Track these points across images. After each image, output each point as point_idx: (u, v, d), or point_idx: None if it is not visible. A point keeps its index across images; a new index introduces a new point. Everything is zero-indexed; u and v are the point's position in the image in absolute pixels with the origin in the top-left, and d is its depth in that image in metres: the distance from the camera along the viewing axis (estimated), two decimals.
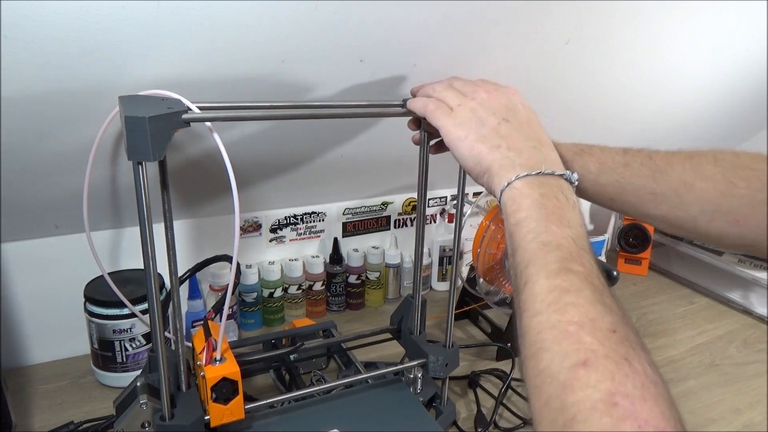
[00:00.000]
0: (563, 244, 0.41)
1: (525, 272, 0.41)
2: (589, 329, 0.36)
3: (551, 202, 0.44)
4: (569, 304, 0.37)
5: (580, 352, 0.34)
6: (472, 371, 0.90)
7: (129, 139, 0.45)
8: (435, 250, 1.17)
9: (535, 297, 0.39)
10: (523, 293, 0.40)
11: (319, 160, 0.94)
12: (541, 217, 0.43)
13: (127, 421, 0.61)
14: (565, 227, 0.43)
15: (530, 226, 0.43)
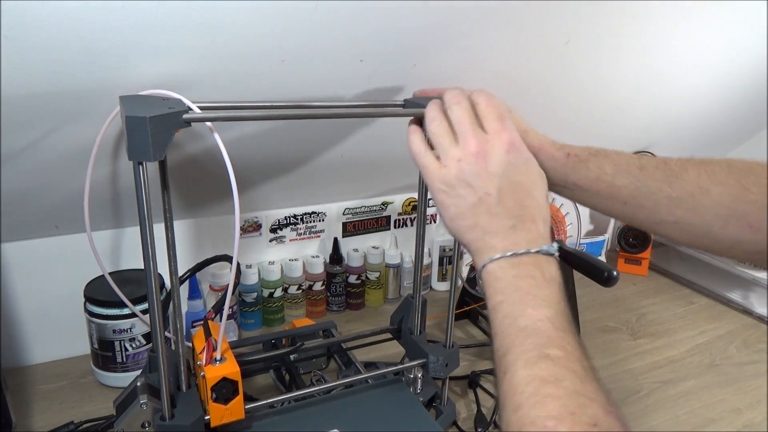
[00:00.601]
0: (540, 327, 0.41)
1: (504, 360, 0.41)
2: (568, 424, 0.35)
3: (526, 282, 0.44)
4: (548, 396, 0.37)
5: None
6: (472, 371, 0.90)
7: (130, 139, 0.45)
8: (435, 250, 1.17)
9: (514, 389, 0.39)
10: (503, 384, 0.40)
11: (319, 160, 0.94)
12: (516, 301, 0.43)
13: (127, 421, 0.61)
14: (542, 308, 0.42)
15: (506, 310, 0.43)
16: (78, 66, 0.60)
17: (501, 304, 0.44)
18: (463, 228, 0.48)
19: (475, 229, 0.47)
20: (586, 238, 1.34)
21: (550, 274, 0.45)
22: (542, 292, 0.43)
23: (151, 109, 0.47)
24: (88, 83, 0.62)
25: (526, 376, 0.39)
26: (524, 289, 0.43)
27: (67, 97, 0.63)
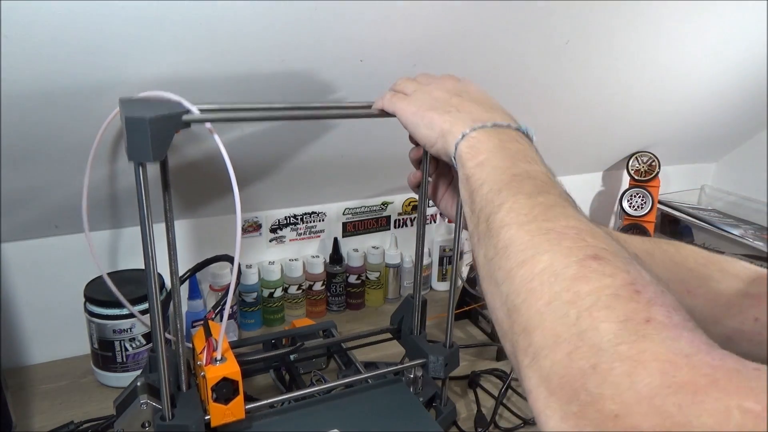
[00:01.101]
0: (537, 176, 0.39)
1: (497, 197, 0.38)
2: (588, 233, 0.32)
3: (513, 145, 0.42)
4: (560, 214, 0.34)
5: (588, 249, 0.31)
6: (472, 371, 0.90)
7: (130, 140, 0.45)
8: (435, 250, 1.17)
9: (517, 211, 0.35)
10: (498, 213, 0.36)
11: (319, 160, 0.94)
12: (506, 156, 0.41)
13: (127, 421, 0.61)
14: (534, 164, 0.41)
15: (495, 163, 0.41)
16: (78, 66, 0.60)
17: (488, 160, 0.41)
18: (436, 116, 0.48)
19: (449, 113, 0.48)
20: None
21: (533, 149, 0.43)
22: (531, 154, 0.42)
23: (150, 110, 0.47)
24: (87, 83, 0.62)
25: (529, 202, 0.36)
26: (512, 150, 0.42)
27: (67, 97, 0.63)
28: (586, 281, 0.29)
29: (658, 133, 1.27)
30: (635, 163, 1.28)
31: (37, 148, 0.69)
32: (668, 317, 0.26)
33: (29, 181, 0.74)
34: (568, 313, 0.28)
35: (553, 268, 0.31)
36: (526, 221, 0.34)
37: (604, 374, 0.25)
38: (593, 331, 0.27)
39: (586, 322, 0.27)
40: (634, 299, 0.27)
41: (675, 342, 0.25)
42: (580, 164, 1.32)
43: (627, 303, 0.27)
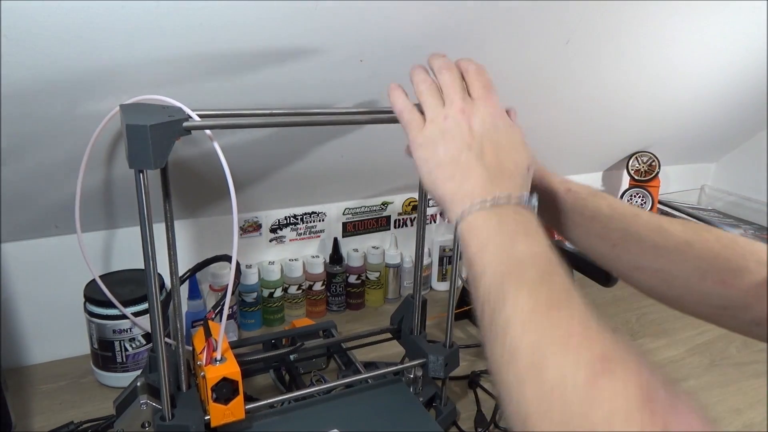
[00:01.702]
0: (537, 260, 0.39)
1: (501, 288, 0.38)
2: (595, 329, 0.33)
3: (512, 222, 0.43)
4: (564, 307, 0.35)
5: (596, 348, 0.32)
6: (472, 371, 0.90)
7: (130, 147, 0.45)
8: (435, 250, 1.17)
9: (521, 308, 0.36)
10: (503, 311, 0.37)
11: (319, 160, 0.94)
12: (506, 237, 0.41)
13: (127, 421, 0.61)
14: (534, 241, 0.41)
15: (494, 248, 0.41)
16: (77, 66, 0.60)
17: (488, 245, 0.41)
18: (440, 180, 0.47)
19: (452, 179, 0.46)
20: None
21: (534, 223, 0.43)
22: (530, 230, 0.42)
23: (151, 117, 0.47)
24: (87, 83, 0.62)
25: (533, 300, 0.36)
26: (510, 231, 0.42)
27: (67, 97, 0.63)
28: (599, 402, 0.29)
29: (658, 133, 1.27)
30: (635, 163, 1.28)
31: (37, 148, 0.69)
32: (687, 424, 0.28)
33: (29, 181, 0.74)
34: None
35: (564, 381, 0.31)
36: (530, 320, 0.35)
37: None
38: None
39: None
40: (648, 421, 0.28)
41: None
42: (580, 164, 1.32)
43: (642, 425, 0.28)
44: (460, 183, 0.46)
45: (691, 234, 0.53)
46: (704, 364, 0.97)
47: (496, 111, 0.49)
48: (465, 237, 0.44)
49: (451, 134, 0.48)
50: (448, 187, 0.46)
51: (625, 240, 0.55)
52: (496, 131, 0.48)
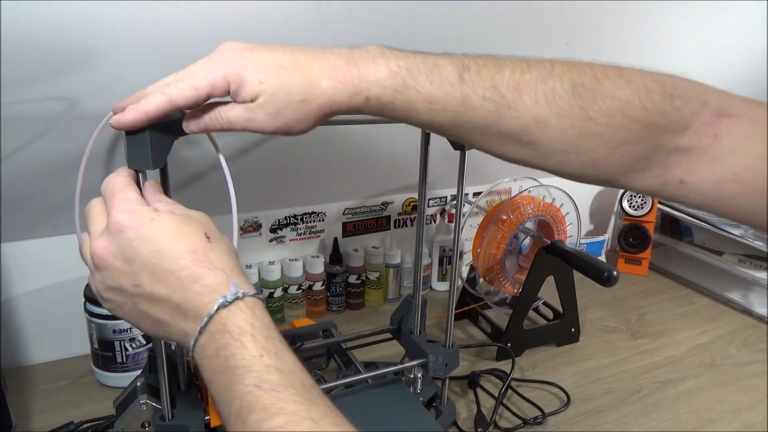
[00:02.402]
0: (252, 402, 0.36)
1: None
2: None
3: (220, 359, 0.38)
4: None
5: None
6: (472, 371, 0.90)
7: (129, 148, 0.45)
8: (435, 250, 1.17)
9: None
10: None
11: (319, 160, 0.94)
12: (222, 384, 0.38)
13: (127, 421, 0.61)
14: (245, 378, 0.37)
15: (219, 397, 0.38)
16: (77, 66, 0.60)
17: (216, 391, 0.38)
18: (149, 330, 0.43)
19: (157, 324, 0.42)
20: (586, 238, 1.34)
21: (239, 327, 0.38)
22: (238, 360, 0.37)
23: None
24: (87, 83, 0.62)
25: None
26: (222, 367, 0.38)
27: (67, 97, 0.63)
28: None
29: None
30: None
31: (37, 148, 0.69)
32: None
33: (30, 181, 0.74)
34: None
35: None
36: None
37: None
38: None
39: None
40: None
41: None
42: None
43: None
44: (165, 327, 0.41)
45: (544, 107, 0.43)
46: (704, 364, 0.97)
47: (126, 226, 0.41)
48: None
49: (110, 288, 0.43)
50: (162, 335, 0.42)
51: (459, 133, 0.45)
52: (133, 251, 0.41)
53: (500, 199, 1.15)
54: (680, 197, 0.44)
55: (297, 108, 0.42)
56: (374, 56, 0.43)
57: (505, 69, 0.43)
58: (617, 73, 0.43)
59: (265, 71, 0.42)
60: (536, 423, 0.80)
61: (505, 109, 0.42)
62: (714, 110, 0.42)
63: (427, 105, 0.43)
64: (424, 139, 0.68)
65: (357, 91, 0.42)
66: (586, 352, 0.99)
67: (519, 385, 0.89)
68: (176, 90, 0.42)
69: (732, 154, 0.41)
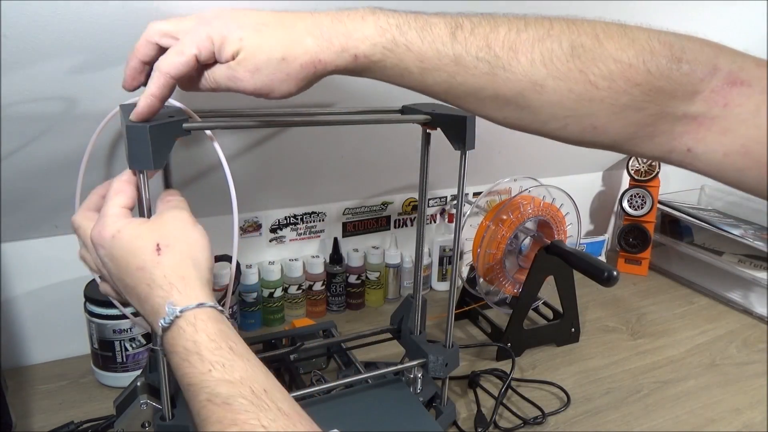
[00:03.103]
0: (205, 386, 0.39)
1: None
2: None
3: (178, 356, 0.40)
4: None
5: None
6: (472, 371, 0.90)
7: (130, 148, 0.45)
8: (435, 250, 1.17)
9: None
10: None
11: (319, 160, 0.94)
12: (181, 374, 0.40)
13: (127, 421, 0.61)
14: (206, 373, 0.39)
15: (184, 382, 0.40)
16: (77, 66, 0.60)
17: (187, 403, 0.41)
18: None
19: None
20: (586, 238, 1.34)
21: (184, 348, 0.40)
22: (190, 378, 0.39)
23: None
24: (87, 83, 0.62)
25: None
26: (181, 383, 0.40)
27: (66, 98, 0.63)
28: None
29: None
30: (635, 163, 1.28)
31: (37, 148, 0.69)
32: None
33: (30, 181, 0.74)
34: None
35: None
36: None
37: None
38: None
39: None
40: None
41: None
42: (580, 164, 1.32)
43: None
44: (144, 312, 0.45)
45: (541, 69, 0.40)
46: (704, 364, 0.97)
47: (105, 238, 0.44)
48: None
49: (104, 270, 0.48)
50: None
51: (453, 95, 0.43)
52: (112, 262, 0.45)
53: (500, 199, 1.15)
54: (687, 165, 0.42)
55: (277, 66, 0.41)
56: (363, 14, 0.41)
57: (501, 28, 0.40)
58: (621, 32, 0.41)
59: (246, 29, 0.42)
60: (536, 423, 0.80)
61: (500, 71, 0.40)
62: (725, 76, 0.38)
63: (419, 64, 0.41)
64: (424, 139, 0.68)
65: (344, 47, 0.41)
66: (586, 352, 0.99)
67: (519, 385, 0.89)
68: (166, 61, 0.43)
69: (742, 125, 0.38)
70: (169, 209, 0.47)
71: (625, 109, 0.40)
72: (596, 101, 0.40)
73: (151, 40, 0.45)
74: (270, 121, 0.61)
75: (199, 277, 0.43)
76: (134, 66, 0.46)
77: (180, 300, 0.41)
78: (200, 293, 0.42)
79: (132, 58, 0.46)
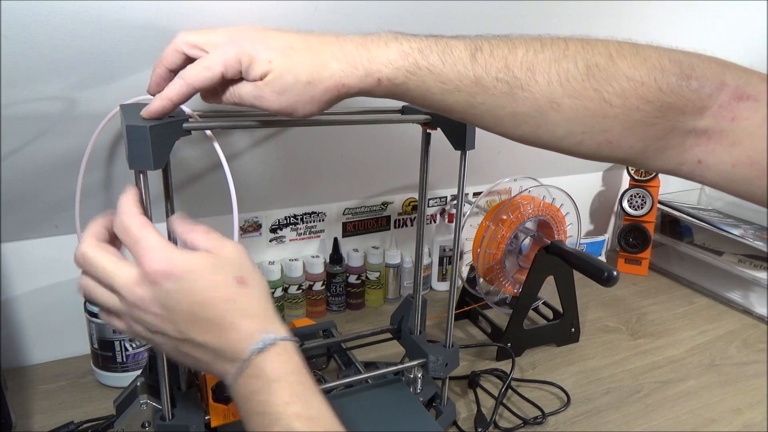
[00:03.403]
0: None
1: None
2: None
3: (254, 403, 0.41)
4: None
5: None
6: (472, 371, 0.90)
7: (130, 148, 0.45)
8: (435, 250, 1.17)
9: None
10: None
11: (319, 160, 0.94)
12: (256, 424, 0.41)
13: (127, 421, 0.61)
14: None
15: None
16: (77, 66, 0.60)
17: (250, 430, 0.41)
18: (190, 365, 0.46)
19: (198, 362, 0.44)
20: (586, 238, 1.34)
21: (272, 373, 0.41)
22: (267, 407, 0.40)
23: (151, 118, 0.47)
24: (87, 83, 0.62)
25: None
26: (255, 411, 0.41)
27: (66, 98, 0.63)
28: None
29: None
30: None
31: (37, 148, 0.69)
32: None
33: (30, 181, 0.74)
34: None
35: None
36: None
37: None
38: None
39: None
40: None
41: None
42: (580, 164, 1.32)
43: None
44: (205, 365, 0.44)
45: (558, 88, 0.42)
46: (704, 364, 0.97)
47: (155, 277, 0.41)
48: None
49: (148, 329, 0.43)
50: (210, 370, 0.45)
51: (473, 114, 0.45)
52: (174, 300, 0.41)
53: (500, 199, 1.15)
54: (698, 177, 0.44)
55: (303, 89, 0.43)
56: (386, 40, 0.43)
57: (519, 49, 0.42)
58: (633, 51, 0.42)
59: (274, 51, 0.43)
60: (536, 423, 0.80)
61: (518, 90, 0.42)
62: (732, 92, 0.41)
63: (441, 85, 0.43)
64: (424, 139, 0.68)
65: (368, 72, 0.43)
66: (586, 352, 0.99)
67: (519, 385, 0.89)
68: (192, 72, 0.44)
69: (749, 137, 0.40)
70: (221, 240, 0.45)
71: (637, 125, 0.42)
72: (610, 118, 0.42)
73: (179, 50, 0.46)
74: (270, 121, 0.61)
75: (275, 310, 0.45)
76: (160, 73, 0.47)
77: (277, 328, 0.43)
78: (281, 326, 0.43)
79: (159, 65, 0.47)
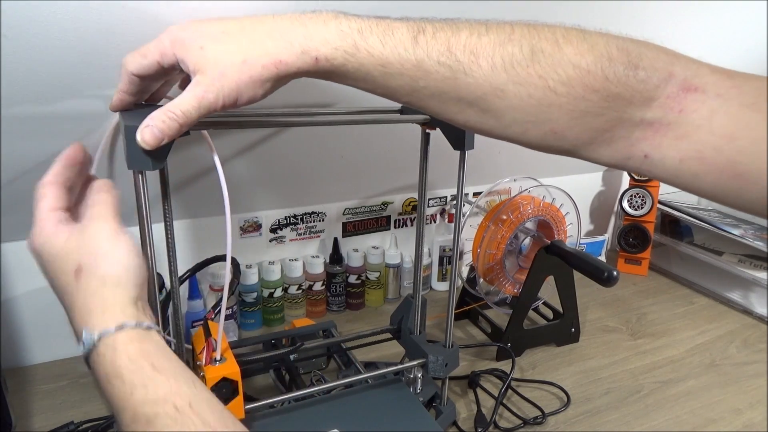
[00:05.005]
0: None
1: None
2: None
3: (103, 381, 0.41)
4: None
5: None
6: (472, 371, 0.90)
7: (129, 148, 0.45)
8: (435, 250, 1.18)
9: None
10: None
11: (319, 160, 0.94)
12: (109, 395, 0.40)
13: None
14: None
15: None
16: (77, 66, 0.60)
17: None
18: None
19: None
20: (586, 238, 1.34)
21: (104, 373, 0.40)
22: (114, 400, 0.39)
23: None
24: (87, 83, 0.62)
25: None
26: (105, 391, 0.40)
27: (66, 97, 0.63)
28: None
29: None
30: None
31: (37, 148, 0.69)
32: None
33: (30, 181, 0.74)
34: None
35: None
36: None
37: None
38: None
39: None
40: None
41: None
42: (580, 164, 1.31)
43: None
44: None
45: (502, 74, 0.40)
46: (704, 364, 0.97)
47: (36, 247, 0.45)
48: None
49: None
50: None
51: (416, 98, 0.43)
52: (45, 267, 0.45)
53: (500, 199, 1.15)
54: (645, 171, 0.42)
55: (240, 69, 0.41)
56: (325, 19, 0.42)
57: (462, 32, 0.41)
58: (580, 37, 0.41)
59: (206, 38, 0.42)
60: (536, 423, 0.80)
61: (461, 75, 0.41)
62: (680, 83, 0.39)
63: (381, 68, 0.41)
64: (423, 139, 0.68)
65: (304, 50, 0.41)
66: (586, 352, 0.99)
67: (519, 385, 0.89)
68: (129, 59, 0.45)
69: (697, 131, 0.39)
70: (93, 220, 0.45)
71: (584, 115, 0.40)
72: (555, 107, 0.40)
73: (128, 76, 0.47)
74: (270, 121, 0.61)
75: (122, 297, 0.42)
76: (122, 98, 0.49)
77: (98, 324, 0.41)
78: (121, 315, 0.41)
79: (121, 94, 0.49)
